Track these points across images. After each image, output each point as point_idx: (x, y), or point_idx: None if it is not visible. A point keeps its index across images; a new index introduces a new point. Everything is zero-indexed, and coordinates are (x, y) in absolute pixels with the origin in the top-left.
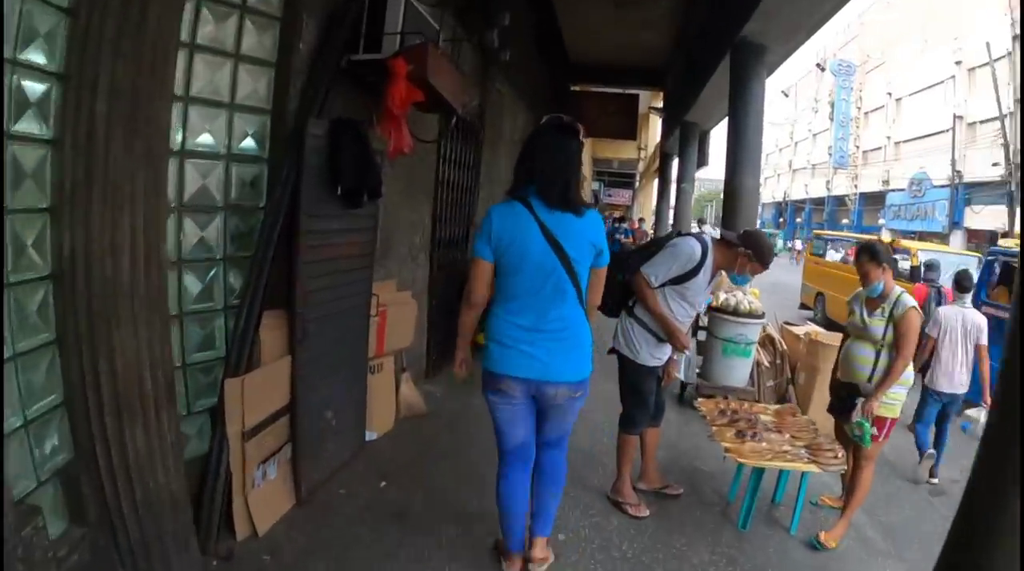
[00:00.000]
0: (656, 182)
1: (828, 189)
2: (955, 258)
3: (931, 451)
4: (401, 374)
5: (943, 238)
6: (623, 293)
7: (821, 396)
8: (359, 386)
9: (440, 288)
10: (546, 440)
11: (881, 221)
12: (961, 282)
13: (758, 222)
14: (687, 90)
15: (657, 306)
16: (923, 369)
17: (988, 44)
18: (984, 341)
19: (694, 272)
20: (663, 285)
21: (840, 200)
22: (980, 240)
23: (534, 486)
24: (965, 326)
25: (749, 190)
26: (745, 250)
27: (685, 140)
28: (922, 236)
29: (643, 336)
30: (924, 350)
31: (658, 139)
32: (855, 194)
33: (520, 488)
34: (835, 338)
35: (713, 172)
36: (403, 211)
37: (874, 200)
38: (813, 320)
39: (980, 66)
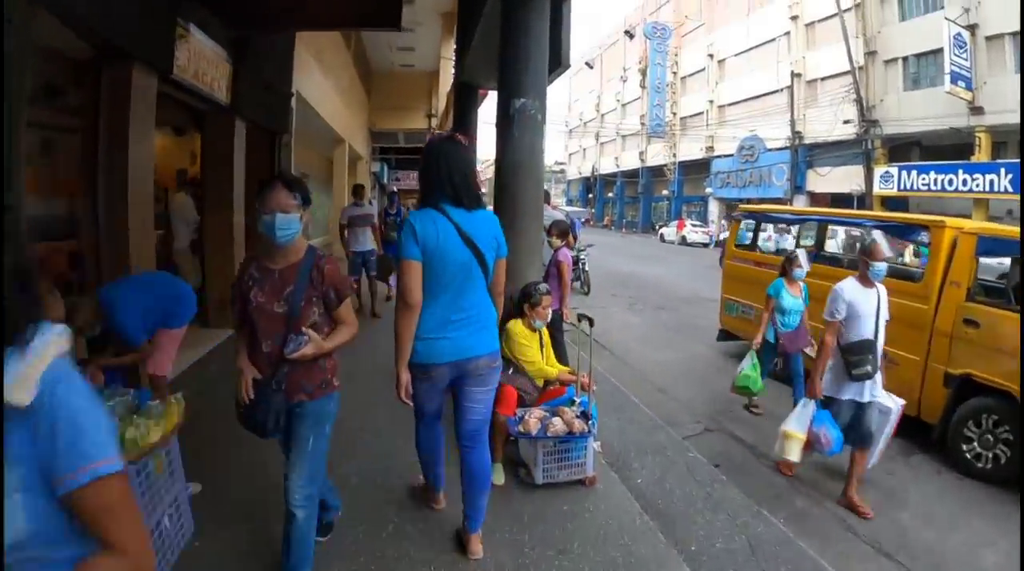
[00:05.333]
0: None
1: (642, 160)
2: None
3: None
4: None
5: (784, 204)
6: None
7: None
8: None
9: None
10: (469, 428)
11: (708, 190)
12: None
13: (564, 199)
14: None
15: None
16: None
17: None
18: None
19: None
20: None
21: (657, 170)
22: (824, 204)
23: (466, 486)
24: None
25: None
26: None
27: (517, 28)
28: (752, 202)
29: None
30: None
31: (450, 85)
32: (674, 163)
33: (437, 438)
34: None
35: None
36: None
37: (696, 168)
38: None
39: (822, 19)
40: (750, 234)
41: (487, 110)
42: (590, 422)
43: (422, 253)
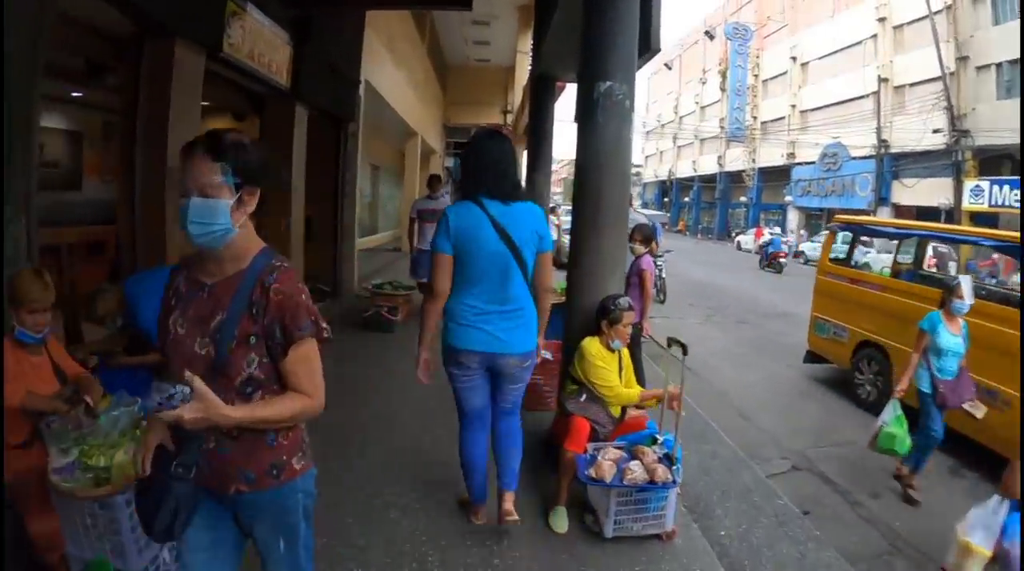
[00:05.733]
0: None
1: (720, 165)
2: None
3: None
4: None
5: (868, 215)
6: None
7: None
8: None
9: None
10: (501, 409)
11: (787, 198)
12: None
13: (639, 202)
14: None
15: None
16: None
17: None
18: None
19: None
20: None
21: (736, 176)
22: (909, 217)
23: (496, 449)
24: None
25: None
26: None
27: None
28: (835, 213)
29: None
30: None
31: (526, 80)
32: (753, 169)
33: (479, 446)
34: None
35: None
36: None
37: (776, 175)
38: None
39: (911, 22)
40: (846, 247)
41: (563, 107)
42: (674, 468)
43: (456, 244)
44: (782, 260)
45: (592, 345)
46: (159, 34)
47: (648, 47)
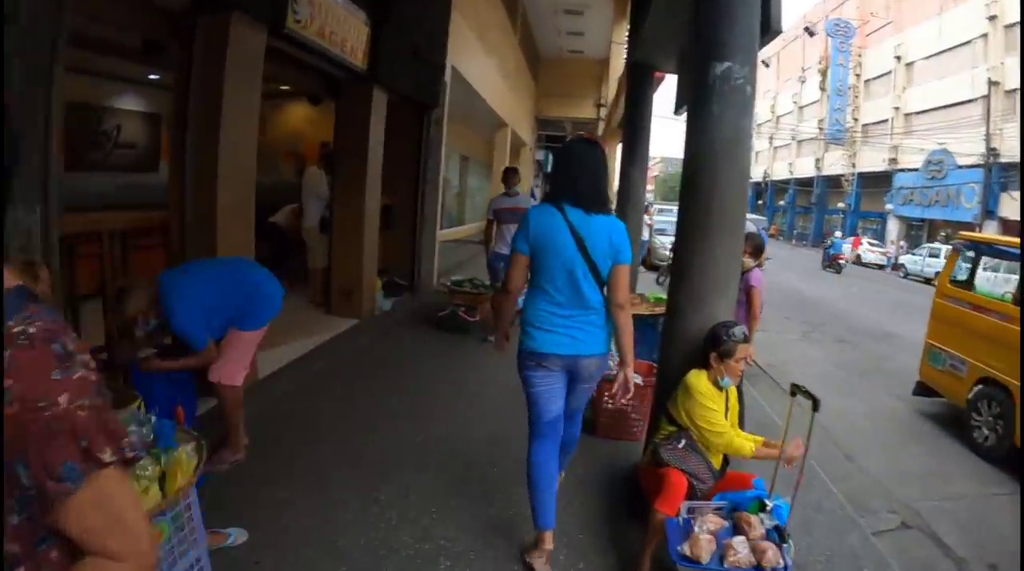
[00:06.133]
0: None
1: (818, 168)
2: None
3: None
4: None
5: (973, 229)
6: None
7: None
8: None
9: None
10: (568, 413)
11: (888, 206)
12: None
13: None
14: None
15: None
16: None
17: None
18: None
19: None
20: None
21: (834, 180)
22: (1016, 233)
23: None
24: None
25: None
26: None
27: None
28: (937, 224)
29: None
30: None
31: (620, 72)
32: (852, 174)
33: (552, 462)
34: None
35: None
36: None
37: (876, 181)
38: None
39: None
40: (968, 268)
41: (659, 102)
42: (785, 546)
43: (533, 245)
44: (841, 262)
45: (700, 380)
46: (214, 8)
47: (768, 28)
